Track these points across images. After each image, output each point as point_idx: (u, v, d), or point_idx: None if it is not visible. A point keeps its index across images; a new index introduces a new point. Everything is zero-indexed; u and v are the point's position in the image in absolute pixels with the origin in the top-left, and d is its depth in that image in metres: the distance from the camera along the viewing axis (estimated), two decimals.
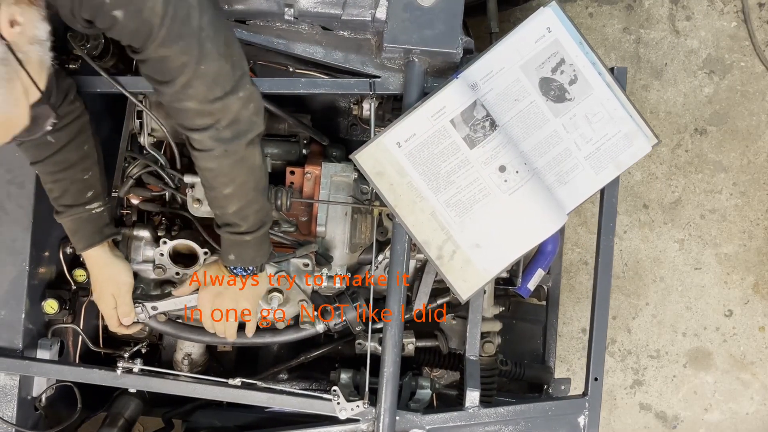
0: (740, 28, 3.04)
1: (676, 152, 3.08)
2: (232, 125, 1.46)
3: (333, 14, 1.74)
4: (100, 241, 1.79)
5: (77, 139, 1.70)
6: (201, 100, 1.40)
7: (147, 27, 1.28)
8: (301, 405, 1.89)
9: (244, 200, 1.61)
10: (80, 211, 1.74)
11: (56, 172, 1.70)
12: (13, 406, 1.89)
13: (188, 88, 1.38)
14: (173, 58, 1.34)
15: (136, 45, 1.33)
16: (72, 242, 1.81)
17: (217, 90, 1.41)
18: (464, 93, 1.73)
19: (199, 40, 1.34)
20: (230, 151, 1.50)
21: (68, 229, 1.78)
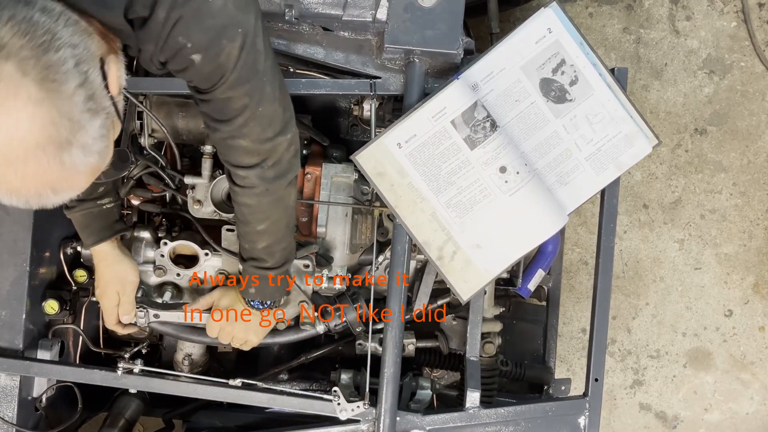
0: (740, 28, 3.05)
1: (676, 152, 3.08)
2: (276, 165, 1.50)
3: (334, 15, 1.74)
4: (110, 236, 1.79)
5: None
6: (254, 139, 1.44)
7: (220, 71, 1.30)
8: (302, 405, 1.89)
9: (275, 237, 1.64)
10: (91, 206, 1.74)
11: None
12: (13, 406, 1.89)
13: (244, 128, 1.41)
14: (236, 100, 1.37)
15: (204, 87, 1.35)
16: (81, 237, 1.80)
17: (269, 131, 1.45)
18: (465, 94, 1.73)
19: (261, 83, 1.38)
20: (271, 189, 1.54)
21: (78, 223, 1.78)
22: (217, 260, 1.92)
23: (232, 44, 1.28)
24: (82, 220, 1.76)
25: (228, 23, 1.26)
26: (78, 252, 1.97)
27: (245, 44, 1.29)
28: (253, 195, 1.54)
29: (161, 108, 1.95)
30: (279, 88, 1.45)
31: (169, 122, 1.94)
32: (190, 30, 1.23)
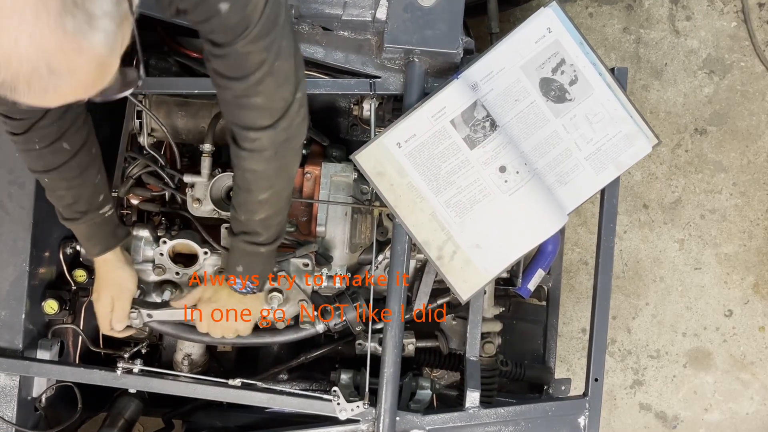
0: (740, 28, 3.04)
1: (676, 152, 3.08)
2: (287, 128, 1.45)
3: (333, 14, 1.75)
4: (116, 244, 1.77)
5: (89, 141, 1.66)
6: (269, 97, 1.39)
7: (245, 22, 1.25)
8: (301, 405, 1.89)
9: (275, 209, 1.59)
10: (94, 216, 1.70)
11: (72, 178, 1.64)
12: (13, 406, 1.88)
13: (260, 85, 1.35)
14: (255, 54, 1.31)
15: (224, 40, 1.28)
16: (85, 248, 1.79)
17: (285, 88, 1.40)
18: (464, 93, 1.73)
19: (279, 38, 1.33)
20: (280, 154, 1.48)
21: (82, 234, 1.75)
22: (216, 259, 1.92)
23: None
24: (87, 231, 1.73)
25: None
26: (77, 252, 1.96)
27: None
28: (262, 160, 1.48)
29: (160, 107, 1.95)
30: (294, 44, 1.39)
31: (169, 121, 1.94)
32: None
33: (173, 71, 2.16)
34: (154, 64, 2.14)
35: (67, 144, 1.58)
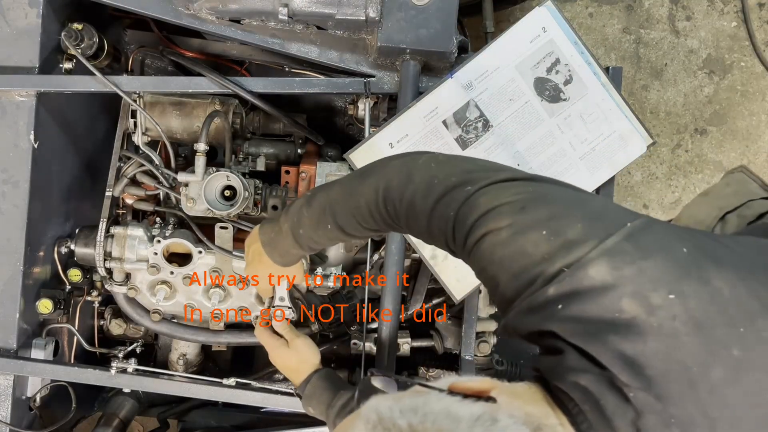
0: (740, 28, 3.03)
1: (676, 152, 3.07)
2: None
3: (327, 14, 1.74)
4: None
5: None
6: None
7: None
8: (296, 405, 1.88)
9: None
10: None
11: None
12: (7, 405, 1.88)
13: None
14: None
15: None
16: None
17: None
18: (457, 93, 1.72)
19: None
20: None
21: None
22: (210, 258, 1.92)
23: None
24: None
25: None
26: (72, 251, 1.96)
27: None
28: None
29: (155, 107, 1.95)
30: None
31: (163, 121, 1.94)
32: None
33: (168, 70, 2.16)
34: (149, 63, 2.15)
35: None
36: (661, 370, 0.90)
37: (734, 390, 0.90)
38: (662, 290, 0.92)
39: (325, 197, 1.37)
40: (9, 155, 1.82)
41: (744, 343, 0.92)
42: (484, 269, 1.10)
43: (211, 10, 1.76)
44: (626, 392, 0.90)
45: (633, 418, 0.90)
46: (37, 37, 1.79)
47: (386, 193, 1.24)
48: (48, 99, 1.85)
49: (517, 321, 1.03)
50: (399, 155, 1.31)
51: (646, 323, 0.91)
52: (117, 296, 2.00)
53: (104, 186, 1.94)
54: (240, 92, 1.81)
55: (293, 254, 1.52)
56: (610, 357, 0.91)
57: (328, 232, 1.38)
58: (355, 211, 1.30)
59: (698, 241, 1.01)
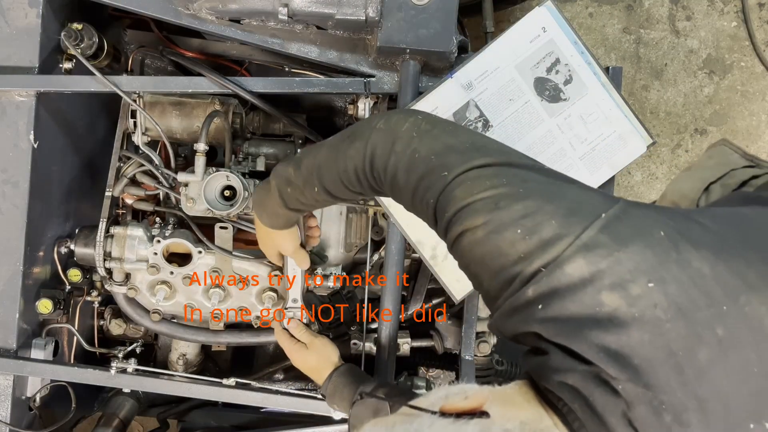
0: (740, 28, 3.04)
1: (676, 152, 3.07)
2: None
3: (327, 14, 1.74)
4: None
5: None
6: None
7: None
8: (296, 405, 1.89)
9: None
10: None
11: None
12: (7, 406, 1.88)
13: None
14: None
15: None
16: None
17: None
18: (457, 93, 1.72)
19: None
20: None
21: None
22: (210, 258, 1.92)
23: None
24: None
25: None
26: (72, 251, 1.96)
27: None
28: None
29: (155, 107, 1.95)
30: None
31: (163, 121, 1.94)
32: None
33: (168, 70, 2.16)
34: (149, 63, 2.15)
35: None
36: (646, 359, 0.90)
37: (721, 369, 0.91)
38: (641, 279, 0.93)
39: (313, 160, 1.38)
40: (9, 155, 1.82)
41: (727, 322, 0.92)
42: (467, 266, 1.11)
43: (211, 10, 1.76)
44: (614, 385, 0.91)
45: (623, 411, 0.90)
46: (36, 37, 1.79)
47: (372, 159, 1.25)
48: (48, 99, 1.85)
49: (500, 323, 1.04)
50: (385, 116, 1.31)
51: (627, 314, 0.92)
52: (117, 296, 2.00)
53: (104, 186, 1.94)
54: (240, 92, 1.81)
55: (281, 215, 1.54)
56: (594, 352, 0.92)
57: (315, 194, 1.39)
58: (343, 175, 1.32)
59: (675, 223, 1.01)
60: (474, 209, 1.07)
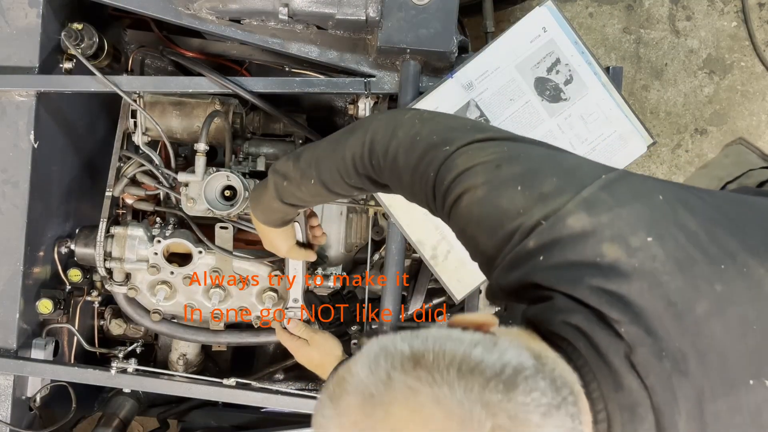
0: (740, 28, 3.03)
1: (676, 152, 3.07)
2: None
3: (327, 13, 1.74)
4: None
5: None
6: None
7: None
8: (297, 405, 1.89)
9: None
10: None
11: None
12: (7, 406, 1.87)
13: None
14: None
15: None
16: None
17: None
18: (458, 93, 1.72)
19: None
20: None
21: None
22: (210, 258, 1.92)
23: None
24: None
25: None
26: (72, 251, 1.96)
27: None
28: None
29: (155, 107, 1.95)
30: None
31: (163, 121, 1.94)
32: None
33: (168, 70, 2.16)
34: (149, 63, 2.15)
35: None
36: (647, 307, 0.92)
37: (719, 323, 0.92)
38: (641, 233, 0.95)
39: (312, 152, 1.39)
40: (9, 155, 1.82)
41: (726, 279, 0.94)
42: (464, 229, 1.12)
43: (211, 10, 1.76)
44: (617, 328, 0.92)
45: (626, 352, 0.91)
46: (37, 37, 1.79)
47: (372, 146, 1.25)
48: (48, 99, 1.85)
49: (501, 279, 1.05)
50: (386, 112, 1.32)
51: (627, 265, 0.93)
52: (117, 296, 2.00)
53: (104, 186, 1.94)
54: (240, 92, 1.81)
55: (275, 210, 1.53)
56: (596, 297, 0.93)
57: (311, 187, 1.39)
58: (340, 164, 1.31)
59: (673, 190, 1.03)
60: (475, 172, 1.08)
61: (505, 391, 0.80)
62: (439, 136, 1.17)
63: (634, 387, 0.91)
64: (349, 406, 0.84)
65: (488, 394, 0.80)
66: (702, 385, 0.91)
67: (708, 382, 0.91)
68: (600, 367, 0.92)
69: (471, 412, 0.78)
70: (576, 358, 0.93)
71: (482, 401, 0.79)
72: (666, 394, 0.91)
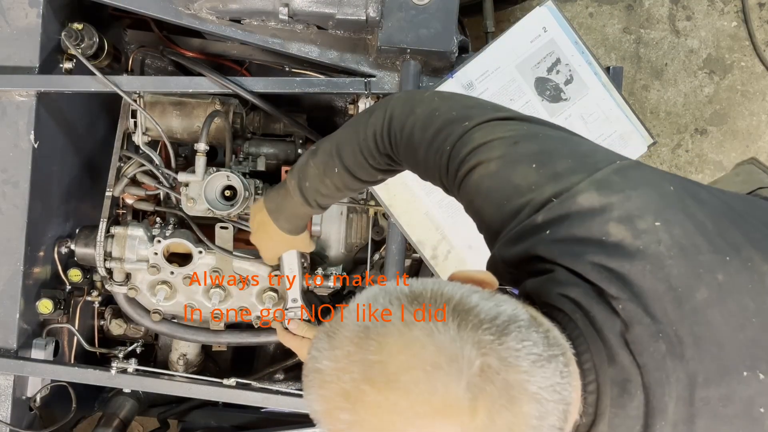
0: (740, 28, 3.03)
1: (676, 152, 3.07)
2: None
3: (328, 13, 1.74)
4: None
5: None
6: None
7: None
8: (297, 405, 1.88)
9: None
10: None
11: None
12: (7, 406, 1.87)
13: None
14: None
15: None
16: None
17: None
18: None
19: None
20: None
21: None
22: (210, 258, 1.92)
23: None
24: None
25: None
26: (72, 251, 1.96)
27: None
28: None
29: (155, 107, 1.95)
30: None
31: (164, 121, 1.94)
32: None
33: (168, 70, 2.16)
34: (149, 63, 2.15)
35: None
36: (647, 288, 0.92)
37: (718, 312, 0.93)
38: (648, 217, 0.96)
39: (331, 142, 1.38)
40: (9, 155, 1.82)
41: (729, 270, 0.94)
42: (472, 201, 1.12)
43: (211, 10, 1.76)
44: (614, 305, 0.93)
45: (621, 330, 0.92)
46: (37, 37, 1.79)
47: (390, 121, 1.26)
48: (48, 99, 1.85)
49: (504, 250, 1.05)
50: (406, 90, 1.33)
51: (632, 245, 0.94)
52: (117, 296, 1.99)
53: (104, 186, 1.94)
54: (240, 92, 1.81)
55: (300, 215, 1.51)
56: (597, 273, 0.94)
57: (335, 177, 1.38)
58: (363, 144, 1.31)
59: (683, 182, 1.04)
60: (491, 146, 1.09)
61: (498, 334, 0.82)
62: (458, 112, 1.17)
63: (626, 363, 0.92)
64: (344, 338, 0.86)
65: (481, 334, 0.81)
66: (696, 370, 0.92)
67: (702, 369, 0.91)
68: (594, 340, 0.93)
69: (462, 349, 0.80)
70: (571, 330, 0.94)
71: (474, 340, 0.81)
72: (658, 374, 0.91)
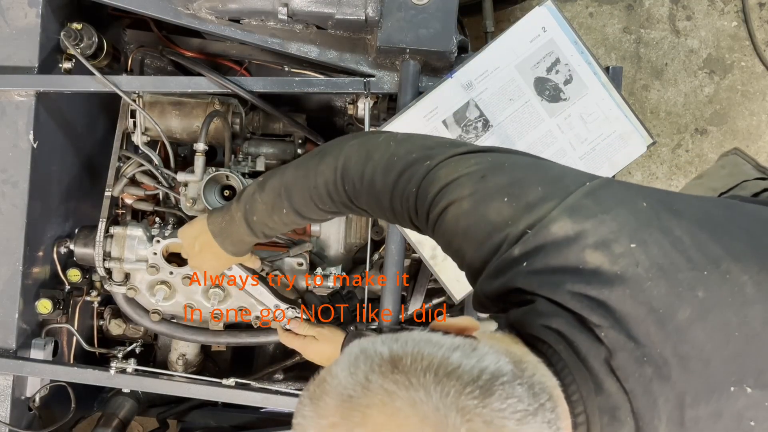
0: (740, 28, 3.03)
1: (676, 152, 3.07)
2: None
3: (327, 13, 1.73)
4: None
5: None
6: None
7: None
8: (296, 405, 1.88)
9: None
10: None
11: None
12: (6, 406, 1.87)
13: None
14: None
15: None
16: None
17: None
18: (457, 93, 1.72)
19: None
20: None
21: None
22: None
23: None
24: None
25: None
26: (71, 251, 1.96)
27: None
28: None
29: (155, 106, 1.95)
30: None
31: (163, 121, 1.94)
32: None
33: (168, 70, 2.16)
34: (149, 63, 2.15)
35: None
36: (629, 313, 0.92)
37: (701, 329, 0.92)
38: (624, 240, 0.95)
39: (279, 181, 1.37)
40: (8, 155, 1.82)
41: (708, 285, 0.94)
42: (450, 242, 1.12)
43: (211, 10, 1.76)
44: (597, 332, 0.92)
45: (606, 357, 0.92)
46: (36, 36, 1.79)
47: (344, 171, 1.24)
48: (47, 99, 1.85)
49: (485, 285, 1.05)
50: (356, 134, 1.32)
51: (610, 271, 0.93)
52: (116, 296, 1.99)
53: (103, 186, 1.94)
54: (240, 92, 1.80)
55: (247, 242, 1.53)
56: (577, 302, 0.93)
57: (284, 216, 1.38)
58: (313, 192, 1.30)
59: (657, 196, 1.03)
60: (459, 183, 1.08)
61: (481, 396, 0.81)
62: (418, 153, 1.16)
63: (613, 390, 0.91)
64: (327, 407, 0.85)
65: (464, 399, 0.80)
66: (683, 390, 0.92)
67: (689, 388, 0.92)
68: (580, 370, 0.92)
69: (446, 417, 0.79)
70: (556, 362, 0.94)
71: (458, 406, 0.80)
72: (646, 399, 0.91)
